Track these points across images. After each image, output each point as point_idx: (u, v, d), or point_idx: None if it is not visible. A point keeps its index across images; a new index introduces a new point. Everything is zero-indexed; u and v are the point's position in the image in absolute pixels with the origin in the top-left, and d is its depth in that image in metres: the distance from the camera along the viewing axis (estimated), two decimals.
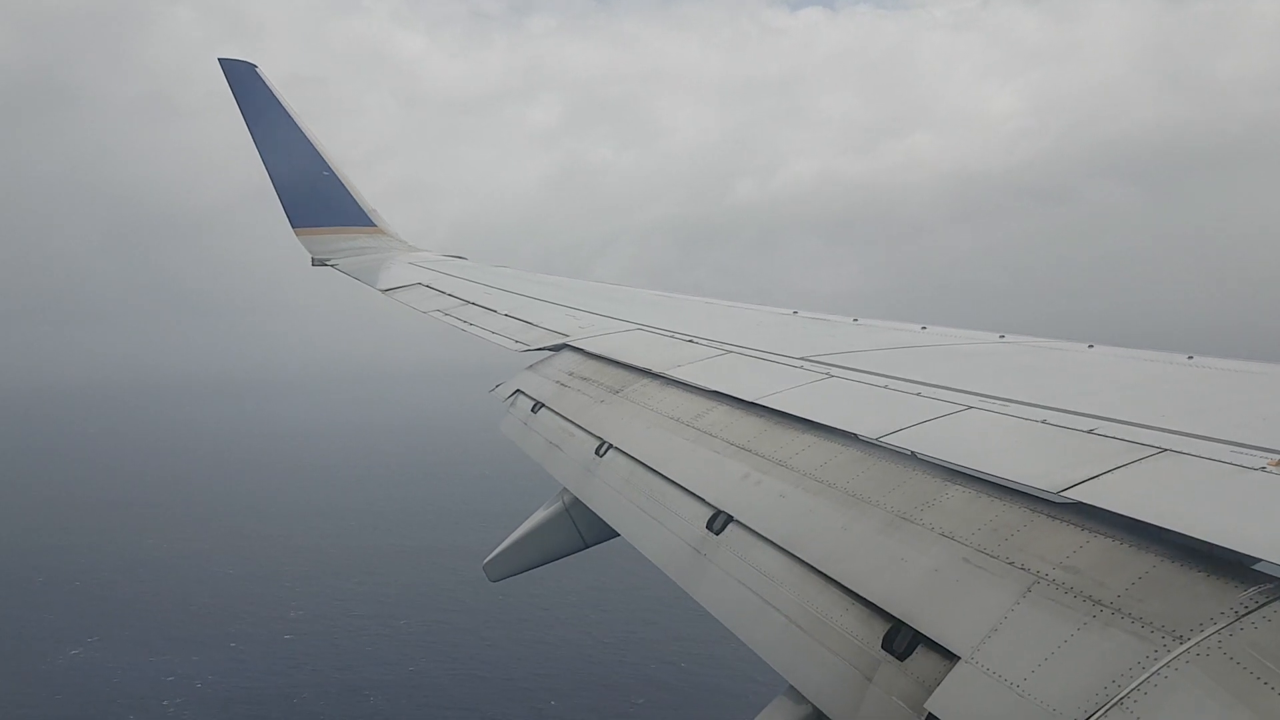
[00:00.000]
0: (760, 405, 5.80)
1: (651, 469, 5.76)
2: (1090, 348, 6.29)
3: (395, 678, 61.38)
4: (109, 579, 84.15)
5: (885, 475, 4.36)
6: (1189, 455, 3.65)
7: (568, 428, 7.24)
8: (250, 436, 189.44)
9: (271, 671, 62.93)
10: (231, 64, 16.86)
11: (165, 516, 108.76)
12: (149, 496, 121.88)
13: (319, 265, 16.62)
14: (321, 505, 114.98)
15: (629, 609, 69.03)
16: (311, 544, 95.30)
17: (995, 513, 3.67)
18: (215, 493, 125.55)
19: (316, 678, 61.59)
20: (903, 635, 3.35)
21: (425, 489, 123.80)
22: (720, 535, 4.67)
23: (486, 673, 62.25)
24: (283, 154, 17.13)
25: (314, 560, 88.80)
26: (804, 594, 3.91)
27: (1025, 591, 3.15)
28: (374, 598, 77.76)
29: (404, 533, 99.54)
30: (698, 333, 8.51)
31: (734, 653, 4.64)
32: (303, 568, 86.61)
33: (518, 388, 8.73)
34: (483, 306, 11.99)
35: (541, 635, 67.65)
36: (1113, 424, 4.16)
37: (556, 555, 7.62)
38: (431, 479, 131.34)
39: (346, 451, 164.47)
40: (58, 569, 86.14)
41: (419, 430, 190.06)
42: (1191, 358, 5.51)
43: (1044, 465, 3.85)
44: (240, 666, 63.91)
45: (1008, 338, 7.06)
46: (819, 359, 6.66)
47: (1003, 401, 4.88)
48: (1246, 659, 2.45)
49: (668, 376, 7.12)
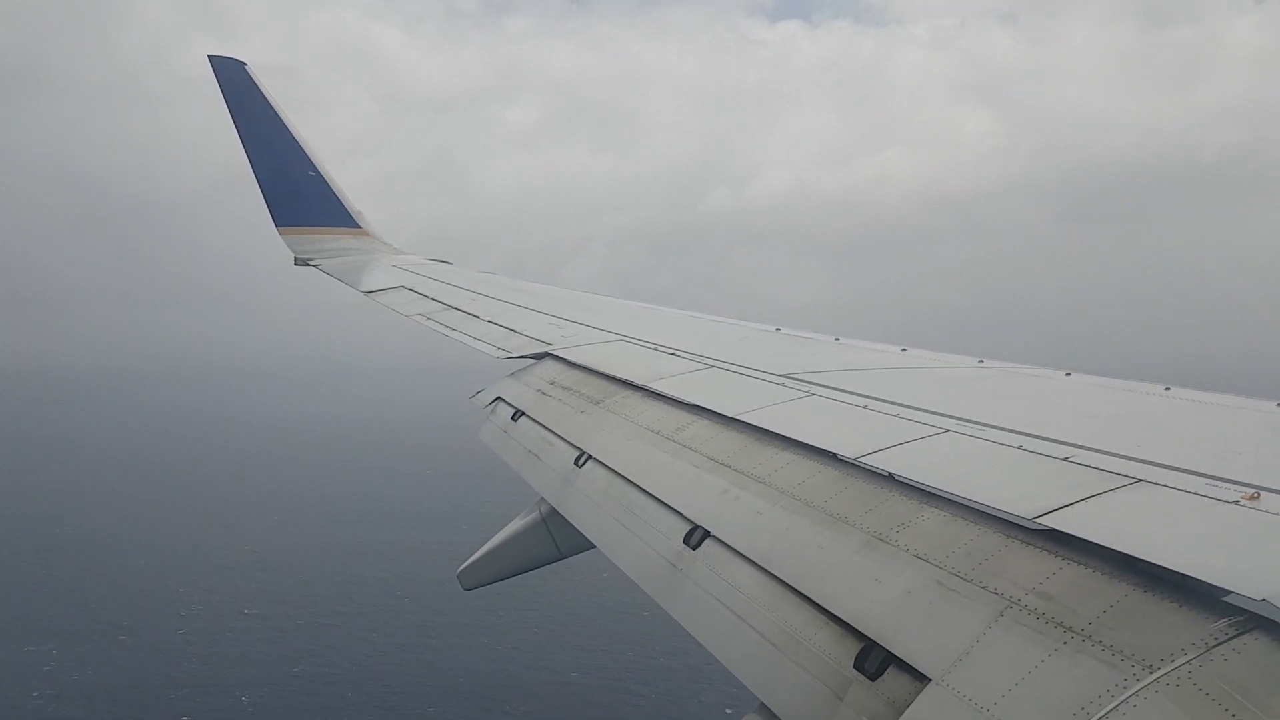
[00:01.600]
0: (741, 421, 5.81)
1: (630, 481, 5.75)
2: (1068, 375, 6.35)
3: (273, 677, 60.26)
4: (12, 564, 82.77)
5: (863, 495, 4.37)
6: (1164, 486, 3.68)
7: (547, 437, 7.22)
8: (215, 425, 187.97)
9: (154, 665, 61.82)
10: (221, 61, 16.79)
11: (104, 503, 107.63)
12: (99, 483, 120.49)
13: (302, 265, 16.53)
14: (262, 496, 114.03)
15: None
16: (232, 535, 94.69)
17: (970, 537, 3.69)
18: (159, 478, 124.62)
19: (196, 676, 60.37)
20: (875, 655, 3.36)
21: (389, 485, 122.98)
22: (697, 550, 4.66)
23: (379, 667, 61.31)
24: (269, 152, 17.06)
25: (226, 552, 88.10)
26: (778, 611, 3.92)
27: (998, 616, 3.17)
28: (278, 594, 76.68)
29: (354, 528, 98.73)
30: (680, 346, 8.51)
31: (707, 668, 4.63)
32: (213, 560, 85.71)
33: (498, 395, 8.70)
34: (465, 312, 11.95)
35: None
36: (1089, 452, 4.19)
37: (532, 565, 7.58)
38: (396, 476, 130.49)
39: (313, 444, 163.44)
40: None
41: (392, 425, 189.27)
42: (1169, 389, 5.57)
43: (1020, 491, 3.87)
44: (127, 658, 62.61)
45: (986, 363, 7.11)
46: (800, 377, 6.68)
47: (980, 426, 4.91)
48: (1215, 690, 2.47)
49: (649, 389, 7.11)
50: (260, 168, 16.97)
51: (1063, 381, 6.28)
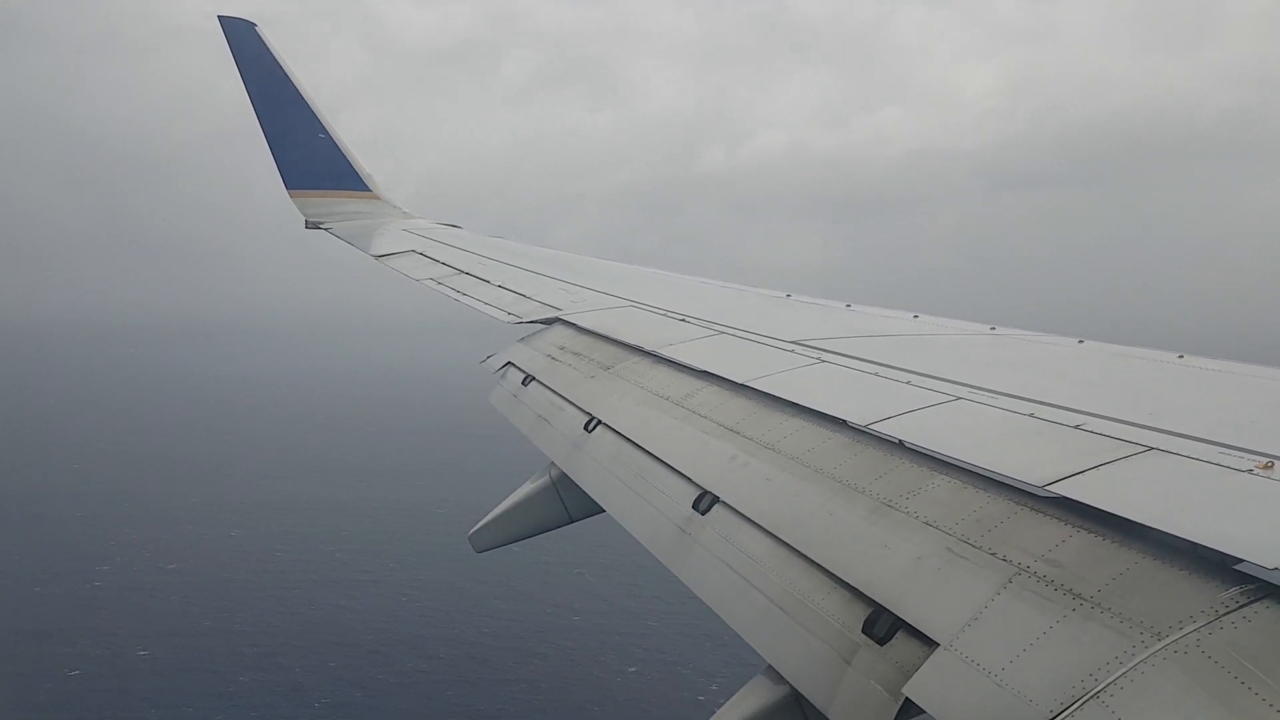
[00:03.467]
0: (750, 387, 5.80)
1: (639, 447, 5.76)
2: (1080, 343, 6.31)
3: (179, 632, 59.61)
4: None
5: (872, 462, 4.37)
6: (1176, 455, 3.66)
7: (557, 402, 7.23)
8: (200, 380, 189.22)
9: (58, 615, 61.60)
10: (231, 22, 16.67)
11: (67, 455, 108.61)
12: (65, 435, 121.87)
13: (313, 228, 16.52)
14: (231, 451, 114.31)
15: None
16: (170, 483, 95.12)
17: (980, 504, 3.69)
18: (127, 431, 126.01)
19: (99, 627, 59.83)
20: (883, 621, 3.37)
21: (386, 444, 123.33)
22: (706, 515, 4.68)
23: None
24: (279, 114, 16.97)
25: (168, 507, 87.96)
26: (787, 576, 3.94)
27: (1006, 583, 3.17)
28: (206, 550, 76.32)
29: (343, 486, 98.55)
30: (690, 312, 8.49)
31: (717, 630, 4.70)
32: (154, 513, 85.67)
33: (509, 360, 8.71)
34: (476, 277, 11.94)
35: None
36: (1101, 420, 4.18)
37: (542, 529, 7.63)
38: (396, 435, 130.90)
39: (308, 400, 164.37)
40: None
41: (388, 383, 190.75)
42: (1181, 357, 5.53)
43: (1030, 458, 3.86)
44: (32, 607, 62.40)
45: (998, 330, 7.07)
46: (811, 343, 6.66)
47: (992, 394, 4.89)
48: (1224, 658, 2.48)
49: (659, 355, 7.11)
50: (271, 130, 16.89)
51: (1075, 349, 6.25)
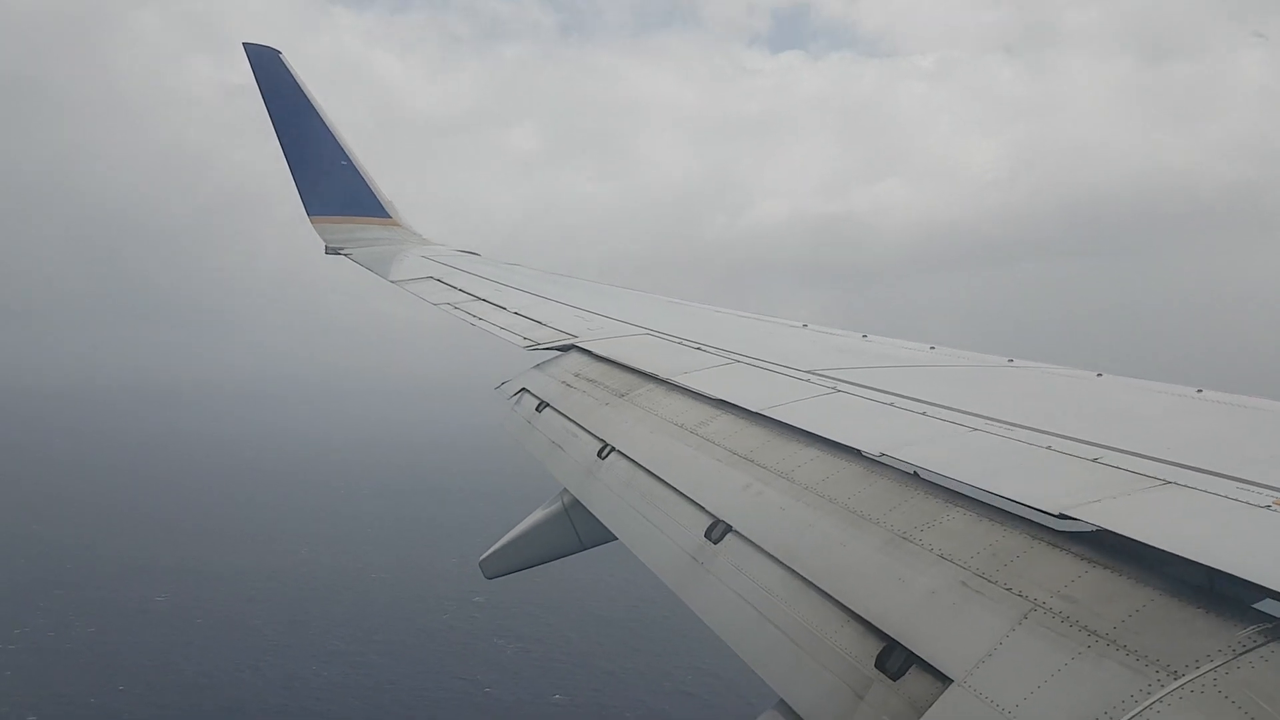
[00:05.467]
0: (765, 416, 5.78)
1: (653, 474, 5.75)
2: (1099, 376, 6.27)
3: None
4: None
5: (887, 493, 4.34)
6: (1194, 489, 3.62)
7: (571, 428, 7.23)
8: (192, 440, 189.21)
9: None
10: (256, 49, 16.94)
11: (42, 509, 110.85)
12: (49, 491, 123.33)
13: (332, 254, 16.66)
14: (245, 514, 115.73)
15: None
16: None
17: (996, 537, 3.65)
18: (107, 489, 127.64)
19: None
20: (897, 655, 3.33)
21: (378, 504, 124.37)
22: (719, 544, 4.65)
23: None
24: (302, 141, 17.17)
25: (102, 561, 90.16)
26: (799, 608, 3.90)
27: (1022, 618, 3.13)
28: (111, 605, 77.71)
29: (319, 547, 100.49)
30: (705, 340, 8.50)
31: (727, 662, 4.70)
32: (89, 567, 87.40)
33: (523, 386, 8.73)
34: (493, 303, 12.00)
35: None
36: (1118, 454, 4.14)
37: (553, 555, 7.60)
38: (386, 494, 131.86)
39: (298, 461, 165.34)
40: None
41: (380, 444, 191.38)
42: (1200, 391, 5.48)
43: (1047, 491, 3.82)
44: None
45: (1016, 362, 7.03)
46: (826, 373, 6.64)
47: (1009, 425, 4.85)
48: (1241, 698, 2.43)
49: (673, 382, 7.11)
50: (293, 156, 17.09)
51: (1093, 382, 6.21)
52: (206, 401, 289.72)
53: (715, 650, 4.24)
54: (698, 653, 58.48)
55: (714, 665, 55.41)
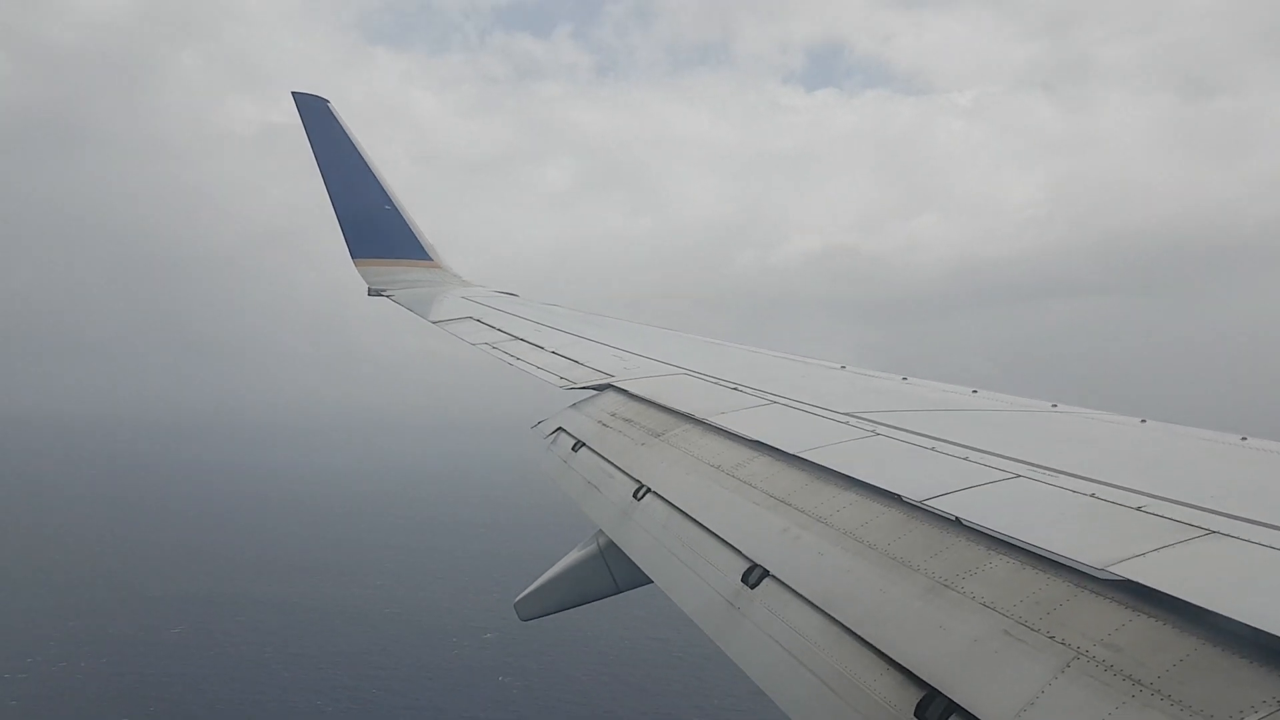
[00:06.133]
0: (802, 459, 5.76)
1: (689, 516, 5.74)
2: (1143, 422, 6.19)
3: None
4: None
5: (928, 539, 4.31)
6: (1239, 539, 3.57)
7: (607, 468, 7.25)
8: (242, 473, 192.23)
9: None
10: (304, 98, 17.45)
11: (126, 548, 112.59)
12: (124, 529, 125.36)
13: (375, 295, 16.96)
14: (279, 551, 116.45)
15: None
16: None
17: (1038, 585, 3.62)
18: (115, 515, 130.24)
19: None
20: (937, 704, 3.30)
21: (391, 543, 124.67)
22: (755, 589, 4.63)
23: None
24: (348, 186, 17.60)
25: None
26: (838, 655, 3.87)
27: (1064, 667, 3.10)
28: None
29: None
30: (742, 381, 8.50)
31: (763, 709, 4.62)
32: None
33: (560, 425, 8.77)
34: (530, 343, 12.11)
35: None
36: (1162, 502, 4.09)
37: (589, 598, 7.58)
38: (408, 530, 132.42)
39: (331, 494, 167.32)
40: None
41: (411, 477, 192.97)
42: (1245, 439, 5.40)
43: (1091, 540, 3.79)
44: None
45: (1060, 407, 6.96)
46: (865, 416, 6.62)
47: (1052, 472, 4.81)
48: None
49: (710, 423, 7.11)
50: (339, 200, 17.51)
51: (1138, 429, 6.13)
52: (234, 434, 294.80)
53: (723, 691, 4.23)
54: (707, 693, 57.80)
55: (721, 707, 54.71)
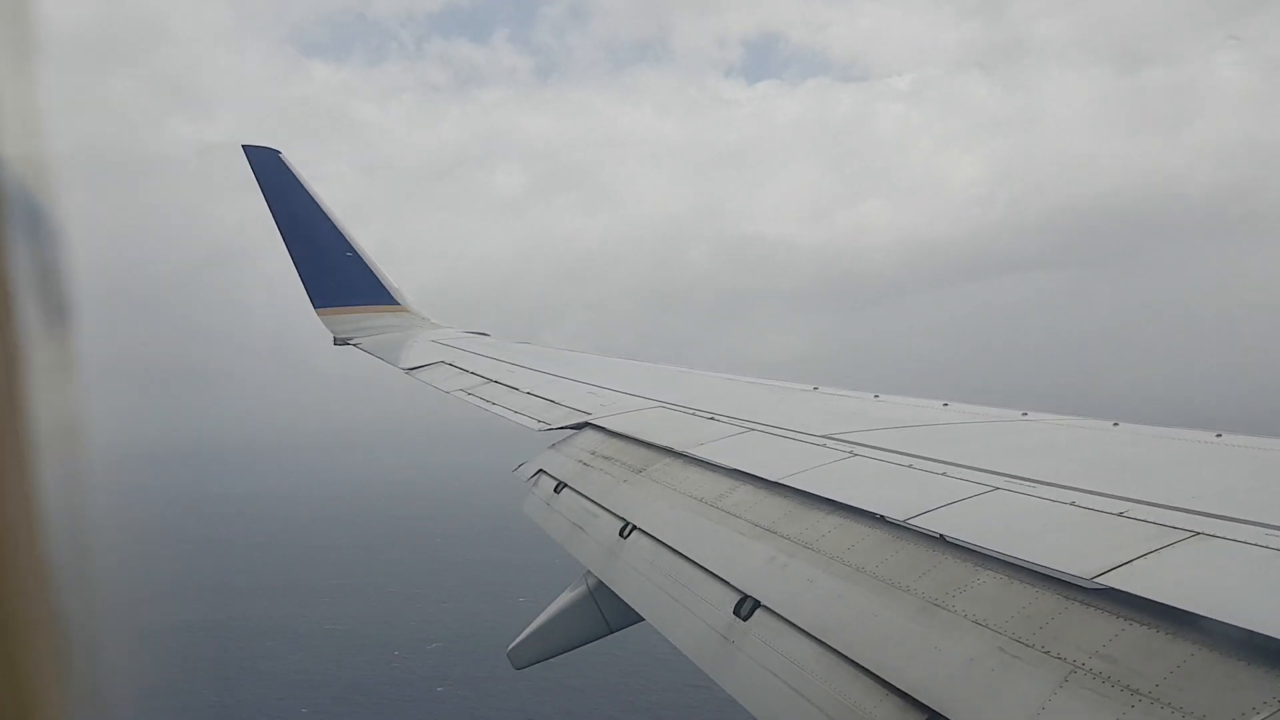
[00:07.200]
0: (784, 485, 5.77)
1: (676, 551, 5.72)
2: (1115, 425, 6.26)
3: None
4: None
5: (914, 559, 4.32)
6: (1222, 539, 3.61)
7: (590, 508, 7.21)
8: (202, 499, 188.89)
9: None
10: (255, 150, 17.31)
11: None
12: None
13: (341, 344, 16.81)
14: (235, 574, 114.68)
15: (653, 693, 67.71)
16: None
17: (1028, 599, 3.63)
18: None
19: None
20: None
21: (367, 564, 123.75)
22: (748, 621, 4.61)
23: None
24: (306, 237, 17.46)
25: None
26: (835, 683, 3.86)
27: (1062, 682, 3.11)
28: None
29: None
30: (718, 410, 8.51)
31: None
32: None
33: (540, 467, 8.73)
34: (505, 385, 12.06)
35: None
36: (1142, 506, 4.13)
37: (582, 641, 7.51)
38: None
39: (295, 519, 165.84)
40: None
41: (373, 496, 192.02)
42: (1219, 435, 5.48)
43: (1075, 549, 3.81)
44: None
45: (1030, 415, 7.03)
46: (841, 437, 6.65)
47: (1030, 482, 4.85)
48: None
49: (690, 455, 7.11)
50: (297, 252, 17.34)
51: (1110, 433, 6.20)
52: (183, 460, 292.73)
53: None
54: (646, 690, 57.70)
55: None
